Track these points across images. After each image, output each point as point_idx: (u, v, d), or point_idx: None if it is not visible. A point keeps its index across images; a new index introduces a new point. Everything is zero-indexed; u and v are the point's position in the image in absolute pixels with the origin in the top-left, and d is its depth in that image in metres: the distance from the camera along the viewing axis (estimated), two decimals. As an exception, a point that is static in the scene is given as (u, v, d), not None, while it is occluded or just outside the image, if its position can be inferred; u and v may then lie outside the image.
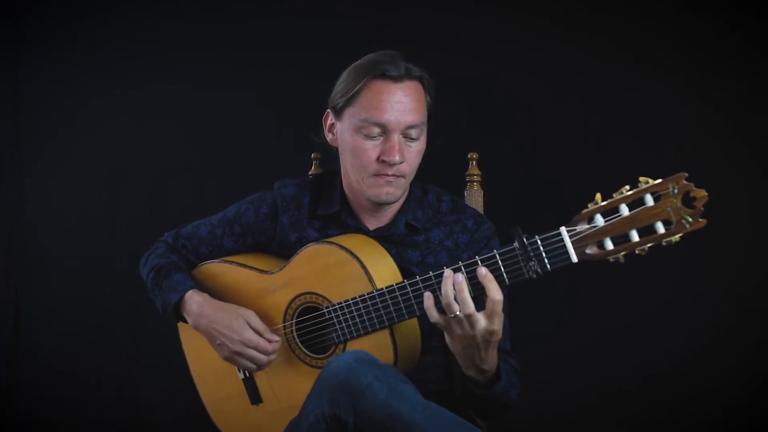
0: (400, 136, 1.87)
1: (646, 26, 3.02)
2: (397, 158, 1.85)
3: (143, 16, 3.35)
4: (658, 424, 3.04)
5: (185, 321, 2.02)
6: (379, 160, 1.87)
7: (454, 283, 1.68)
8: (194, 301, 1.98)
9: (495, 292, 1.66)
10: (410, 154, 1.89)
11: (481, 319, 1.67)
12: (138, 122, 3.38)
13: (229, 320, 1.93)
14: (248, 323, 1.92)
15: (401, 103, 1.85)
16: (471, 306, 1.67)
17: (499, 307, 1.67)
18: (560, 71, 3.09)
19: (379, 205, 1.95)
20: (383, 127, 1.86)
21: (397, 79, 1.86)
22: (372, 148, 1.88)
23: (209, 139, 3.34)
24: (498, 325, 1.68)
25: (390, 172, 1.88)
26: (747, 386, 2.98)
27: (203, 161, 3.34)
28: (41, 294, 3.40)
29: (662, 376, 3.03)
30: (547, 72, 3.10)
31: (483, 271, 1.67)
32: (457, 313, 1.67)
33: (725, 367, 3.00)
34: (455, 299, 1.67)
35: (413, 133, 1.88)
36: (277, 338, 1.93)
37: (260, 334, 1.92)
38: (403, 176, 1.90)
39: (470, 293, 1.68)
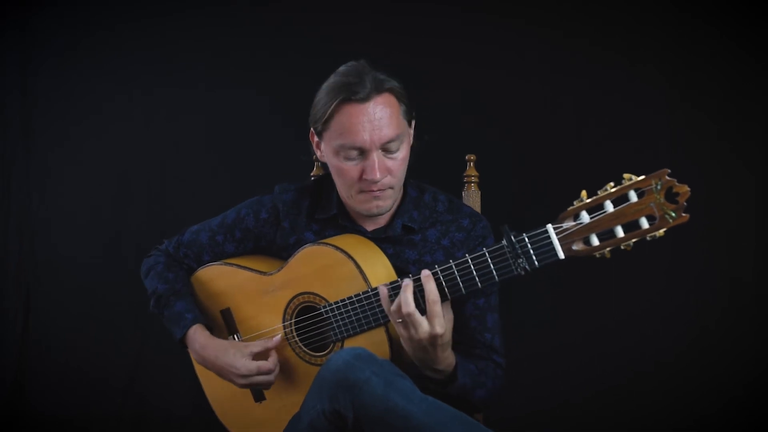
0: (379, 152, 1.88)
1: (637, 31, 3.06)
2: (378, 176, 1.87)
3: (150, 21, 3.40)
4: (648, 420, 3.07)
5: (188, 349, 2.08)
6: (362, 178, 1.90)
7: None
8: (197, 341, 2.02)
9: (431, 294, 1.72)
10: (393, 166, 1.90)
11: (423, 322, 1.72)
12: (146, 125, 3.43)
13: (228, 358, 1.97)
14: (251, 353, 1.96)
15: (372, 121, 1.85)
16: (411, 305, 1.72)
17: (437, 308, 1.72)
18: (554, 75, 3.13)
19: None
20: (360, 149, 1.88)
21: (364, 99, 1.85)
22: (353, 168, 1.90)
23: (216, 141, 3.39)
24: (440, 328, 1.72)
25: (375, 188, 1.90)
26: (735, 383, 3.02)
27: (210, 163, 3.39)
28: (50, 292, 3.46)
29: (651, 373, 3.07)
30: (541, 75, 3.14)
31: (426, 272, 1.74)
32: (398, 320, 1.74)
33: (712, 365, 3.03)
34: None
35: (392, 146, 1.89)
36: (278, 338, 1.98)
37: (266, 350, 1.97)
38: (390, 188, 1.92)
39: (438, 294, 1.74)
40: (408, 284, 1.74)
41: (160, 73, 3.42)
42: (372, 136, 1.86)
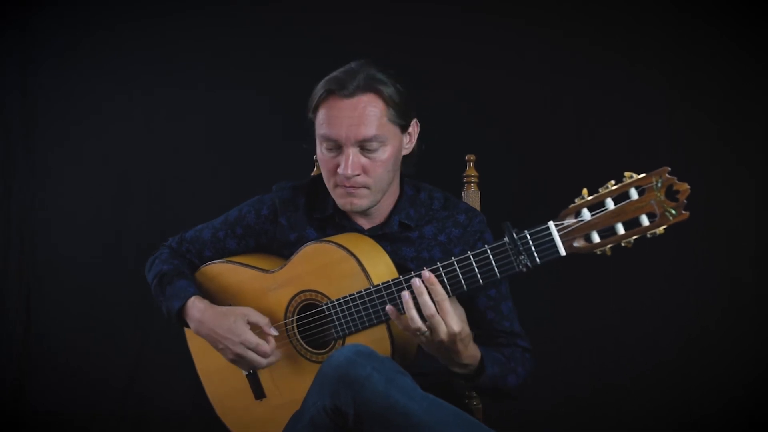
0: (355, 149, 1.89)
1: (637, 31, 3.07)
2: (349, 172, 1.89)
3: (150, 21, 3.41)
4: (648, 420, 3.08)
5: (188, 326, 2.07)
6: (336, 172, 1.91)
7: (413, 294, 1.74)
8: (196, 307, 2.01)
9: (438, 294, 1.72)
10: (370, 166, 1.91)
11: (441, 324, 1.72)
12: (146, 125, 3.44)
13: (229, 324, 1.96)
14: (248, 321, 1.96)
15: (351, 117, 1.87)
16: (431, 307, 1.72)
17: (446, 305, 1.72)
18: (554, 75, 3.13)
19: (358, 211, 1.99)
20: (335, 141, 1.90)
21: (347, 95, 1.87)
22: (330, 160, 1.92)
23: (216, 141, 3.40)
24: (456, 326, 1.72)
25: (347, 184, 1.91)
26: (735, 383, 3.02)
27: (210, 163, 3.40)
28: (50, 292, 3.46)
29: (651, 372, 3.08)
30: (541, 75, 3.15)
31: (426, 274, 1.73)
32: (420, 326, 1.73)
33: (712, 365, 3.04)
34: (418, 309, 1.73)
35: (370, 146, 1.89)
36: (275, 332, 1.97)
37: (261, 328, 1.96)
38: (365, 187, 1.93)
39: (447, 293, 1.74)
40: (421, 288, 1.73)
41: (160, 73, 3.42)
42: (348, 132, 1.88)
